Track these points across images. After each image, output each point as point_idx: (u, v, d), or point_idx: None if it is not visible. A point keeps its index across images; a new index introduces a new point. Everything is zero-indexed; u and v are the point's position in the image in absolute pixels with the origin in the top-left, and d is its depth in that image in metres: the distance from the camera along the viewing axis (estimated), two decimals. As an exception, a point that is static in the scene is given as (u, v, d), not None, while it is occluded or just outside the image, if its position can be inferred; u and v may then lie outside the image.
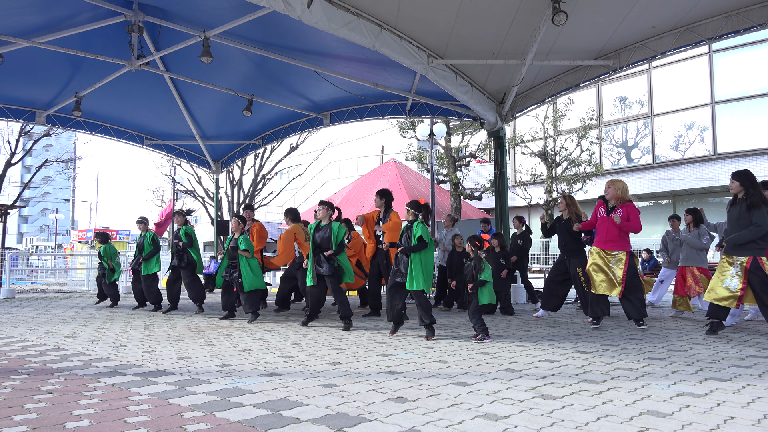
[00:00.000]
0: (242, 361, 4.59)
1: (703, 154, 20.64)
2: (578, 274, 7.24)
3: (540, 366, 4.26)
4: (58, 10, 8.64)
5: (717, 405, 3.12)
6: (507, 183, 11.53)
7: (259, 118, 13.45)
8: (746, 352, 4.80)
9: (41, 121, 12.92)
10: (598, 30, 8.64)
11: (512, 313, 8.22)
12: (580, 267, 7.25)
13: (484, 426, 2.77)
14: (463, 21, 8.19)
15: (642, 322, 6.26)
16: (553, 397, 3.30)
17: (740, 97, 19.96)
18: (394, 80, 10.71)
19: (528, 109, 11.08)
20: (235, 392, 3.49)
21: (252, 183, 23.39)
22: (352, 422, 2.85)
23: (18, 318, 8.18)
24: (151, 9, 8.75)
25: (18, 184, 43.26)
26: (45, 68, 10.69)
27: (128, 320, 7.89)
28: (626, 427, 2.74)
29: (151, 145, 15.25)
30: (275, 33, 9.07)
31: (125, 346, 5.43)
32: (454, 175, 18.53)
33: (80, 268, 19.33)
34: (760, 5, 7.74)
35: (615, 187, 6.45)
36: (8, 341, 5.81)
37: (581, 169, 20.29)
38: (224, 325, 7.27)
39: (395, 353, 4.93)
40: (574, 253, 7.35)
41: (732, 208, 5.91)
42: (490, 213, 19.42)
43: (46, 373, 4.16)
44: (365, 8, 7.80)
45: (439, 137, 16.95)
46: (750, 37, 18.05)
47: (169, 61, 10.88)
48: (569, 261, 7.35)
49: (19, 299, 12.19)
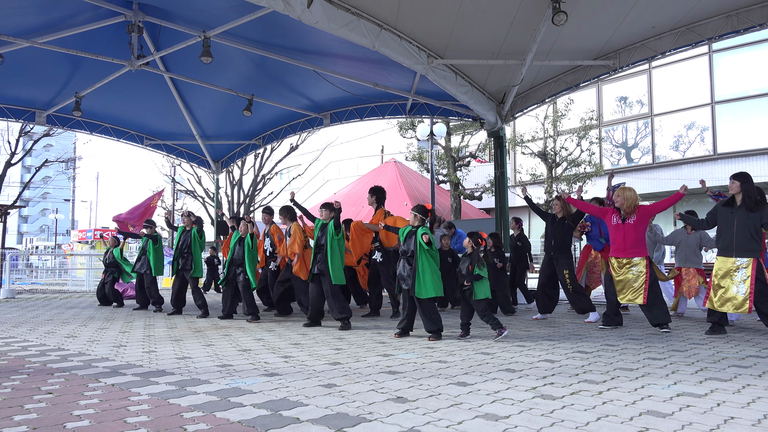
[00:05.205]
0: (242, 361, 4.59)
1: (703, 154, 20.63)
2: (564, 276, 7.25)
3: (540, 366, 4.25)
4: (58, 10, 8.63)
5: (717, 405, 3.12)
6: (507, 183, 11.53)
7: (259, 118, 13.45)
8: (746, 352, 4.80)
9: (41, 121, 12.91)
10: (598, 30, 8.64)
11: (513, 312, 8.23)
12: (567, 269, 7.27)
13: (484, 426, 2.77)
14: (463, 21, 8.19)
15: (667, 327, 6.19)
16: (553, 397, 3.30)
17: (740, 97, 19.95)
18: (394, 80, 10.71)
19: (528, 109, 11.08)
20: (235, 392, 3.49)
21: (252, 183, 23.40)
22: (352, 422, 2.85)
23: (18, 318, 8.18)
24: (151, 9, 8.75)
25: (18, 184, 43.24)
26: (45, 68, 10.68)
27: (128, 320, 7.89)
28: (626, 427, 2.74)
29: (151, 145, 15.24)
30: (275, 33, 9.07)
31: (125, 346, 5.43)
32: (454, 175, 18.52)
33: (80, 268, 19.32)
34: (760, 5, 7.74)
35: (624, 196, 6.39)
36: (8, 341, 5.81)
37: (581, 169, 20.28)
38: (224, 325, 7.27)
39: (395, 353, 4.92)
40: (562, 252, 7.35)
41: (724, 207, 5.90)
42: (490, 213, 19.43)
43: (46, 373, 4.16)
44: (365, 8, 7.80)
45: (439, 137, 16.95)
46: (750, 37, 18.03)
47: (169, 61, 10.88)
48: (557, 261, 7.36)
49: (19, 299, 12.19)
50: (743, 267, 5.66)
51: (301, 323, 7.29)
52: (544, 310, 7.59)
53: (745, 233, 5.69)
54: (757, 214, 5.67)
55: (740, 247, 5.71)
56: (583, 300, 7.35)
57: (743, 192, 5.76)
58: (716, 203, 6.30)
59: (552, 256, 7.41)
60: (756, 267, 5.60)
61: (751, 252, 5.66)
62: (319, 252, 6.90)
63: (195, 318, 8.12)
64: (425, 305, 5.82)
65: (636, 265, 6.27)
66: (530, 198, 7.67)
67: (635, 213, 6.31)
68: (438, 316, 5.85)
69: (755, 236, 5.68)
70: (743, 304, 5.61)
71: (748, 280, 5.60)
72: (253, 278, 7.70)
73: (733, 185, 5.85)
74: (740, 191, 5.79)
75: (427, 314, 5.81)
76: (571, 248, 7.53)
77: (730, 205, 5.88)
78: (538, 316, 7.64)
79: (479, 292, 5.74)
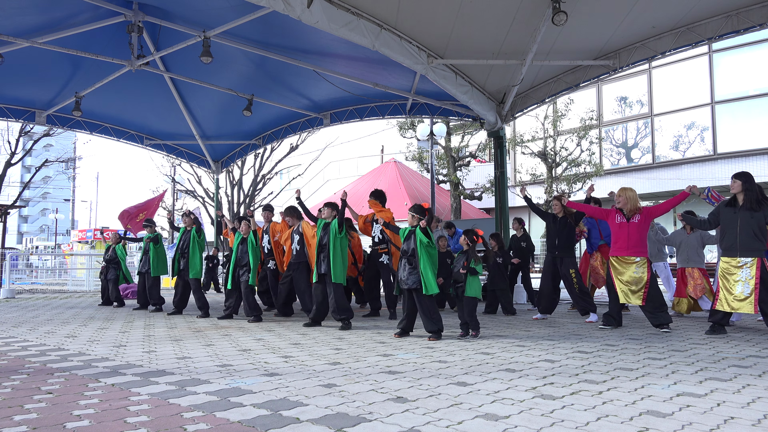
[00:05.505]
0: (242, 361, 4.59)
1: (703, 154, 20.63)
2: (570, 275, 7.26)
3: (540, 366, 4.25)
4: (58, 10, 8.64)
5: (717, 405, 3.12)
6: (507, 183, 11.53)
7: (259, 118, 13.45)
8: (746, 352, 4.80)
9: (41, 121, 12.91)
10: (598, 30, 8.64)
11: (514, 312, 8.23)
12: (573, 268, 7.28)
13: (484, 426, 2.77)
14: (463, 21, 8.19)
15: (667, 327, 6.20)
16: (553, 397, 3.30)
17: (740, 97, 19.95)
18: (394, 80, 10.71)
19: (528, 109, 11.08)
20: (235, 392, 3.49)
21: (252, 183, 23.40)
22: (352, 422, 2.85)
23: (18, 318, 8.18)
24: (151, 9, 8.75)
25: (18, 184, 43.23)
26: (45, 68, 10.69)
27: (128, 320, 7.89)
28: (626, 427, 2.74)
29: (151, 145, 15.25)
30: (275, 33, 9.07)
31: (125, 346, 5.43)
32: (454, 175, 18.53)
33: (80, 268, 19.33)
34: (760, 5, 7.74)
35: (626, 196, 6.39)
36: (8, 341, 5.81)
37: (581, 169, 20.28)
38: (224, 325, 7.27)
39: (395, 353, 4.92)
40: (566, 251, 7.36)
41: (727, 208, 5.90)
42: (490, 213, 19.44)
43: (46, 373, 4.16)
44: (365, 8, 7.80)
45: (439, 137, 16.95)
46: (750, 37, 18.04)
47: (169, 61, 10.88)
48: (561, 260, 7.36)
49: (19, 299, 12.19)
50: (747, 266, 5.66)
51: (301, 323, 7.29)
52: (545, 311, 7.60)
53: (748, 233, 5.68)
54: (760, 213, 5.67)
55: (744, 247, 5.70)
56: (587, 300, 7.36)
57: (745, 191, 5.76)
58: (717, 204, 6.30)
59: (556, 255, 7.41)
60: (760, 267, 5.60)
61: (755, 251, 5.64)
62: (322, 252, 6.89)
63: (195, 318, 8.12)
64: (426, 305, 5.82)
65: (637, 265, 6.27)
66: (530, 198, 7.67)
67: (640, 212, 6.31)
68: (438, 316, 5.85)
69: (759, 235, 5.66)
70: (748, 304, 5.61)
71: (753, 280, 5.59)
72: (254, 276, 7.71)
73: (734, 185, 5.85)
74: (742, 191, 5.78)
75: (427, 314, 5.81)
76: (574, 247, 7.53)
77: (732, 205, 5.87)
78: (538, 316, 7.65)
79: (470, 289, 5.75)
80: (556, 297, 7.65)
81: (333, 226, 6.82)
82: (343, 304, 6.78)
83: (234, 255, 7.93)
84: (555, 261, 7.43)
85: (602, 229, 8.06)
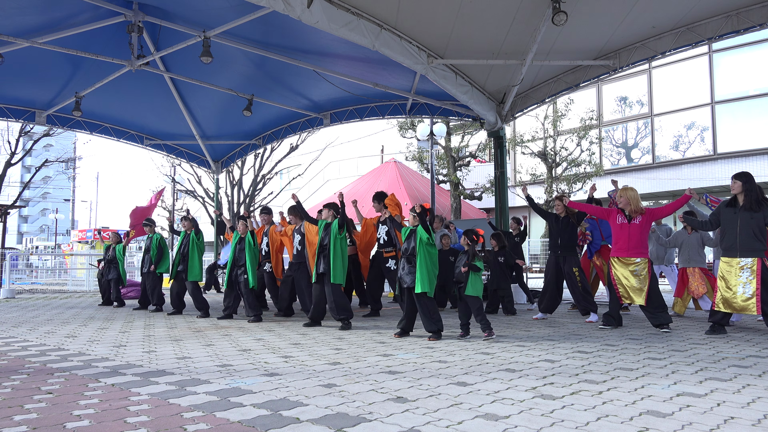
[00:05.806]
0: (242, 361, 4.59)
1: (703, 154, 20.63)
2: (574, 273, 7.26)
3: (540, 366, 4.25)
4: (58, 10, 8.63)
5: (717, 405, 3.12)
6: (507, 183, 11.53)
7: (259, 118, 13.45)
8: (746, 352, 4.80)
9: (41, 121, 12.91)
10: (598, 30, 8.64)
11: (514, 312, 8.23)
12: (576, 267, 7.29)
13: (484, 426, 2.77)
14: (463, 21, 8.19)
15: (667, 327, 6.19)
16: (553, 397, 3.30)
17: (740, 97, 19.95)
18: (394, 80, 10.71)
19: (528, 109, 11.08)
20: (235, 392, 3.49)
21: (252, 183, 23.39)
22: (352, 422, 2.85)
23: (18, 318, 8.18)
24: (151, 9, 8.75)
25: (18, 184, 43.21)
26: (45, 68, 10.69)
27: (128, 320, 7.89)
28: (626, 427, 2.74)
29: (151, 145, 15.25)
30: (275, 33, 9.06)
31: (125, 346, 5.43)
32: (454, 175, 18.52)
33: (80, 268, 19.33)
34: (760, 5, 7.74)
35: (627, 197, 6.39)
36: (8, 341, 5.81)
37: (581, 169, 20.29)
38: (224, 325, 7.27)
39: (395, 353, 4.92)
40: (569, 250, 7.36)
41: (727, 208, 5.89)
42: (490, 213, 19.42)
43: (46, 373, 4.16)
44: (365, 8, 7.80)
45: (439, 137, 16.94)
46: (750, 37, 18.04)
47: (169, 61, 10.88)
48: (564, 259, 7.36)
49: (19, 299, 12.19)
50: (748, 267, 5.65)
51: (301, 323, 7.29)
52: (546, 310, 7.59)
53: (748, 233, 5.67)
54: (760, 214, 5.66)
55: (744, 247, 5.69)
56: (589, 300, 7.37)
57: (745, 192, 5.75)
58: (718, 204, 6.29)
59: (559, 254, 7.41)
60: (761, 267, 5.59)
61: (756, 252, 5.64)
62: (322, 252, 6.90)
63: (195, 318, 8.13)
64: (425, 304, 5.82)
65: (638, 265, 6.27)
66: (531, 198, 7.67)
67: (642, 213, 6.31)
68: (438, 316, 5.85)
69: (759, 236, 5.65)
70: (749, 305, 5.60)
71: (754, 281, 5.59)
72: (253, 277, 7.70)
73: (734, 185, 5.84)
74: (742, 191, 5.78)
75: (427, 314, 5.81)
76: (576, 246, 7.53)
77: (732, 205, 5.87)
78: (538, 315, 7.65)
79: (471, 287, 5.75)
80: (558, 297, 7.64)
81: (333, 226, 6.83)
82: (343, 304, 6.78)
83: (231, 254, 7.94)
84: (558, 260, 7.43)
85: (603, 230, 8.07)
